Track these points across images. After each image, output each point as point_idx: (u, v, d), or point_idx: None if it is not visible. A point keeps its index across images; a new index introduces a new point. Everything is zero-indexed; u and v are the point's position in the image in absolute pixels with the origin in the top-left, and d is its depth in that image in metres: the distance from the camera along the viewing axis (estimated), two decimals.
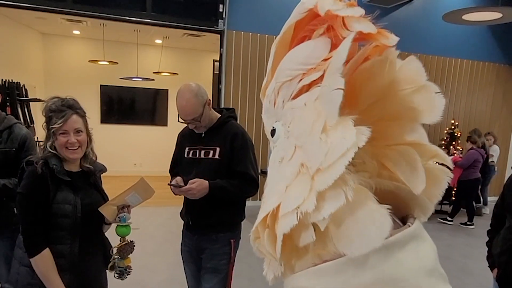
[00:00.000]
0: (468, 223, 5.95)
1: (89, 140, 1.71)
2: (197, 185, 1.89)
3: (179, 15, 5.73)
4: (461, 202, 6.02)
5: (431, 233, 0.53)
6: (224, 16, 5.83)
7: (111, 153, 7.31)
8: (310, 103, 0.50)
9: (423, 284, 0.47)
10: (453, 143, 6.81)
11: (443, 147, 6.82)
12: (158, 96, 8.97)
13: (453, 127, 6.92)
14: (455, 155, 6.46)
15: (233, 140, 2.00)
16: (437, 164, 0.57)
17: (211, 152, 2.01)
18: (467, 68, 7.46)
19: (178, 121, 2.00)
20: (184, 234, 2.21)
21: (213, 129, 2.03)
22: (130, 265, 1.84)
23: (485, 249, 2.29)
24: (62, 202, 1.59)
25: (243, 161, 2.00)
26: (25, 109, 6.49)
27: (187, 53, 8.94)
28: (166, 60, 8.59)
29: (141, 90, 8.77)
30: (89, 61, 7.80)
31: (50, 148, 1.61)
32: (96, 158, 1.79)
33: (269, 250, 0.51)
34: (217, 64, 6.86)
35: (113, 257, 1.78)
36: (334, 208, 0.44)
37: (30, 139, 2.34)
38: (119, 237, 1.81)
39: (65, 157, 1.63)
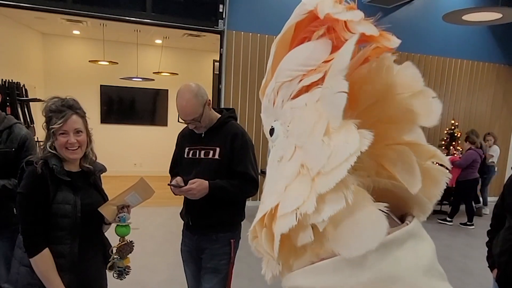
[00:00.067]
0: (468, 223, 5.95)
1: (89, 140, 1.71)
2: (197, 185, 1.89)
3: (179, 15, 5.74)
4: (460, 203, 6.02)
5: (430, 233, 0.53)
6: (224, 16, 5.83)
7: (111, 153, 7.31)
8: (311, 104, 0.50)
9: (421, 283, 0.47)
10: (453, 143, 6.80)
11: (443, 147, 6.82)
12: (158, 96, 8.98)
13: (453, 127, 6.92)
14: (455, 155, 6.46)
15: (233, 140, 2.01)
16: (435, 165, 0.57)
17: (211, 152, 2.01)
18: (467, 68, 7.46)
19: (178, 121, 2.00)
20: (184, 234, 2.21)
21: (213, 129, 2.03)
22: (129, 265, 1.84)
23: (485, 249, 2.29)
24: (62, 202, 1.59)
25: (243, 161, 2.01)
26: (25, 109, 6.49)
27: (187, 53, 8.95)
28: (166, 60, 8.59)
29: (141, 90, 8.77)
30: (89, 61, 7.80)
31: (50, 148, 1.62)
32: (96, 158, 1.79)
33: (266, 250, 0.51)
34: (217, 64, 6.86)
35: (112, 257, 1.78)
36: (334, 211, 0.44)
37: (30, 139, 2.33)
38: (119, 237, 1.81)
39: (65, 157, 1.64)
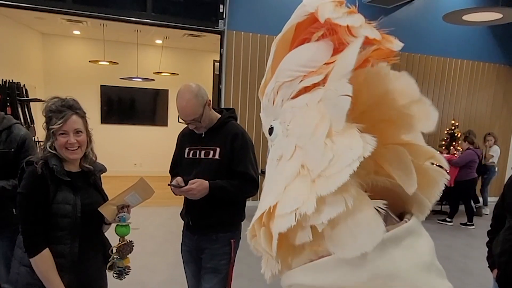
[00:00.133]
0: (468, 223, 5.95)
1: (89, 141, 1.71)
2: (197, 185, 1.89)
3: (179, 15, 5.73)
4: (459, 203, 6.02)
5: (430, 233, 0.53)
6: (224, 16, 5.83)
7: (111, 153, 7.31)
8: (313, 104, 0.50)
9: (420, 280, 0.47)
10: (454, 143, 6.79)
11: (443, 148, 6.82)
12: (158, 97, 8.97)
13: (453, 127, 6.91)
14: (455, 155, 6.45)
15: (233, 141, 2.01)
16: (433, 165, 0.57)
17: (211, 152, 2.01)
18: (467, 68, 7.45)
19: (178, 121, 2.00)
20: (184, 234, 2.21)
21: (213, 129, 2.03)
22: (129, 265, 1.84)
23: (485, 249, 2.28)
24: (62, 202, 1.59)
25: (243, 161, 2.00)
26: (25, 109, 6.49)
27: (187, 53, 8.94)
28: (166, 60, 8.59)
29: (141, 91, 8.76)
30: (89, 61, 7.80)
31: (50, 148, 1.62)
32: (96, 158, 1.79)
33: (265, 248, 0.51)
34: (217, 64, 6.86)
35: (112, 257, 1.78)
36: (334, 214, 0.44)
37: (29, 139, 2.32)
38: (119, 237, 1.81)
39: (64, 157, 1.64)
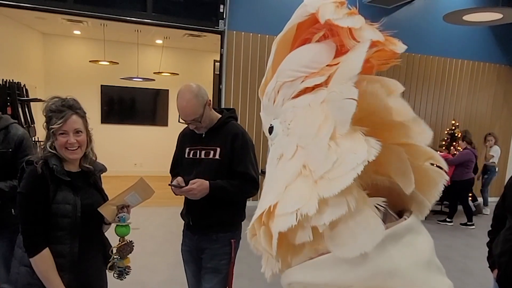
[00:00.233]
0: (468, 223, 5.95)
1: (89, 140, 1.71)
2: (197, 186, 1.89)
3: (180, 15, 5.74)
4: (457, 203, 6.03)
5: (430, 233, 0.53)
6: (224, 16, 5.82)
7: (111, 153, 7.31)
8: (316, 105, 0.50)
9: (419, 277, 0.47)
10: (454, 143, 6.79)
11: (443, 148, 6.82)
12: (159, 97, 8.98)
13: (453, 127, 6.91)
14: (454, 155, 6.45)
15: (233, 141, 2.00)
16: (433, 166, 0.57)
17: (212, 152, 2.01)
18: (467, 68, 7.45)
19: (179, 121, 2.00)
20: (185, 234, 2.21)
21: (213, 129, 2.03)
22: (129, 265, 1.84)
23: (485, 249, 2.28)
24: (62, 202, 1.59)
25: (244, 162, 2.00)
26: (26, 109, 6.49)
27: (188, 54, 8.95)
28: (166, 60, 8.59)
29: (141, 90, 8.77)
30: (89, 61, 7.80)
31: (50, 148, 1.61)
32: (96, 158, 1.79)
33: (265, 247, 0.51)
34: (217, 64, 6.86)
35: (112, 257, 1.78)
36: (336, 216, 0.44)
37: (27, 139, 2.30)
38: (119, 237, 1.81)
39: (64, 157, 1.63)
